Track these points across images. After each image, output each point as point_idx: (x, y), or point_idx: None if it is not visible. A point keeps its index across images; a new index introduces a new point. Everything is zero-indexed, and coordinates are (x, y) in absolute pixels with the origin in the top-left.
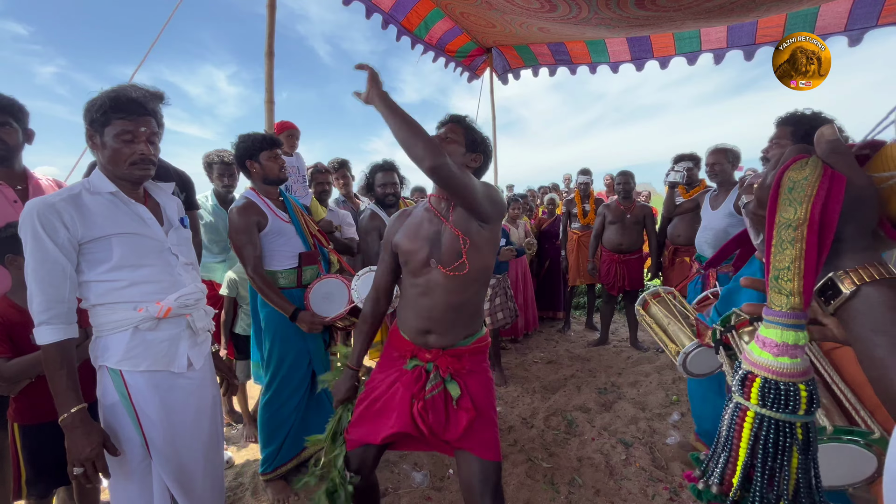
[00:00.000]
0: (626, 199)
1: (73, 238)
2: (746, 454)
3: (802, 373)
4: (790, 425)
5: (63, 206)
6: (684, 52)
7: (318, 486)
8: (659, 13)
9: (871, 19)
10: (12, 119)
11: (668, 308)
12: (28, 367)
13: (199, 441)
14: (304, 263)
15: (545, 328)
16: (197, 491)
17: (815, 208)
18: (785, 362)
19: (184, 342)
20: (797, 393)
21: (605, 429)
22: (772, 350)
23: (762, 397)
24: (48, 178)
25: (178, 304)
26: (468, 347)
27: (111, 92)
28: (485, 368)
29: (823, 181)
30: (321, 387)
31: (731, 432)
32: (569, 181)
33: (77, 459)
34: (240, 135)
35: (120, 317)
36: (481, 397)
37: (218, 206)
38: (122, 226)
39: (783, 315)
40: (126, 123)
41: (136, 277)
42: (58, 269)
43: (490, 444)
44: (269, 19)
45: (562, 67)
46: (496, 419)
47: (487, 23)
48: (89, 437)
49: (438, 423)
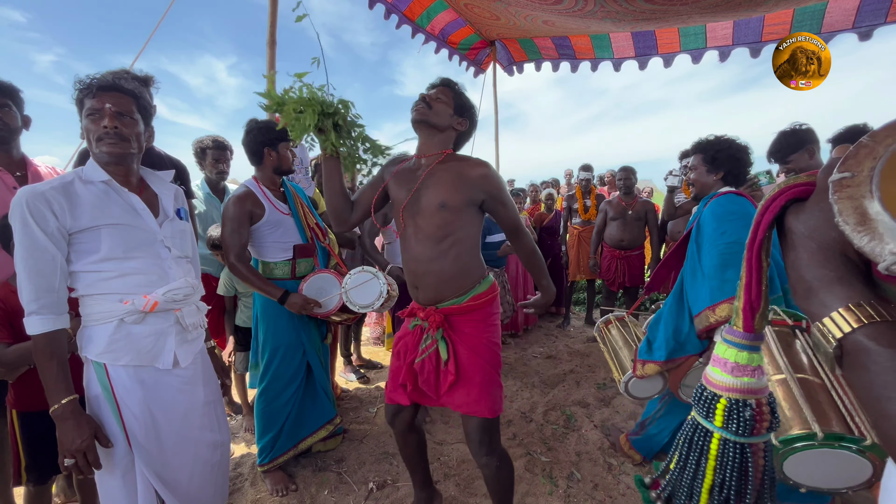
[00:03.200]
0: (627, 194)
1: (62, 227)
2: (713, 476)
3: (762, 389)
4: (752, 447)
5: (53, 194)
6: (689, 49)
7: None
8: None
9: (880, 16)
10: (11, 102)
11: (622, 334)
12: (28, 354)
13: (190, 440)
14: (298, 256)
15: (545, 323)
16: (182, 490)
17: (756, 224)
18: (745, 381)
19: (171, 338)
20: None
21: (604, 424)
22: (729, 370)
23: (727, 419)
24: (47, 166)
25: (166, 298)
26: (461, 305)
27: (90, 76)
28: (481, 328)
29: (772, 197)
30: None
31: (692, 454)
32: (570, 176)
33: (68, 451)
34: (253, 120)
35: (105, 308)
36: (467, 360)
37: (210, 194)
38: (113, 216)
39: (739, 335)
40: (93, 101)
41: (124, 269)
42: (47, 257)
43: (477, 402)
44: (270, 9)
45: (564, 63)
46: (493, 373)
47: (492, 15)
48: (80, 428)
49: (428, 383)
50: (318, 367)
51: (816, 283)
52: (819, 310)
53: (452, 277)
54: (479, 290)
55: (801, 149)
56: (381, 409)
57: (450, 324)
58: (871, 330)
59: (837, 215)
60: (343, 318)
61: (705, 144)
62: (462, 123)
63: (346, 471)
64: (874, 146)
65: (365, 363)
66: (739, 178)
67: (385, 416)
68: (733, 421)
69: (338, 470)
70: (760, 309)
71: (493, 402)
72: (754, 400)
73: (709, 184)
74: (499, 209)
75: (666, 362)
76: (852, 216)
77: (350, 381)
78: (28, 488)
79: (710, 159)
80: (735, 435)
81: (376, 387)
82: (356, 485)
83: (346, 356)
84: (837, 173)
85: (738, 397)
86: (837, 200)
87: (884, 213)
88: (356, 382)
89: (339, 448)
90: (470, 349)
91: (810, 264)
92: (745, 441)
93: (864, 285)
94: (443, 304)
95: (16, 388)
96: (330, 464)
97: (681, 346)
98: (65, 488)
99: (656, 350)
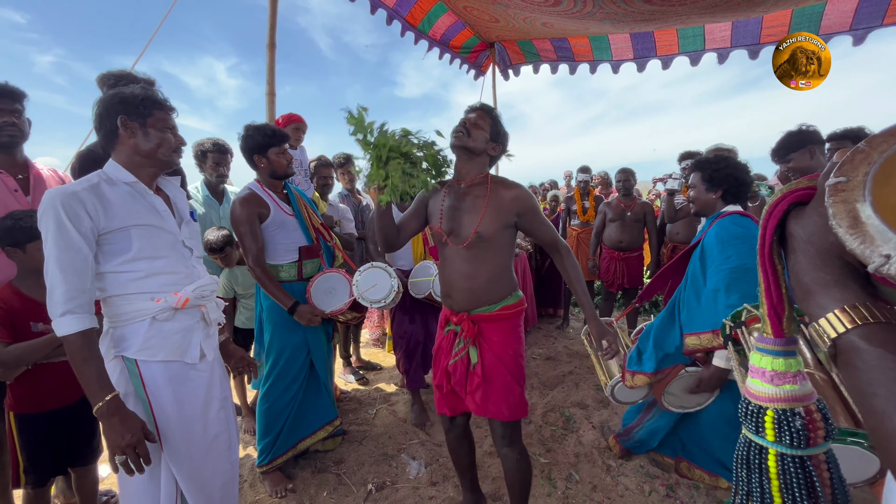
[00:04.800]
0: (626, 196)
1: (94, 228)
2: (781, 498)
3: (808, 396)
4: (812, 459)
5: (86, 195)
6: (688, 51)
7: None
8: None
9: (877, 19)
10: (21, 106)
11: None
12: (27, 354)
13: (210, 434)
14: (304, 257)
15: (544, 325)
16: (206, 488)
17: (762, 229)
18: (787, 388)
19: (197, 333)
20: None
21: (603, 425)
22: (768, 379)
23: (778, 432)
24: (48, 168)
25: (196, 294)
26: (492, 314)
27: (141, 88)
28: (508, 339)
29: (776, 201)
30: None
31: (753, 475)
32: (570, 178)
33: (118, 447)
34: (247, 125)
35: (138, 307)
36: (492, 365)
37: (209, 196)
38: (141, 217)
39: (770, 342)
40: (164, 114)
41: (153, 268)
42: (81, 257)
43: (496, 406)
44: (270, 10)
45: (563, 65)
46: (514, 383)
47: (491, 17)
48: (127, 423)
49: (460, 384)
50: (322, 368)
51: (814, 286)
52: (816, 311)
53: (485, 291)
54: (509, 302)
55: (803, 148)
56: (381, 411)
57: (480, 330)
58: (864, 330)
59: (832, 218)
60: (350, 318)
61: (704, 163)
62: (496, 149)
63: (345, 472)
64: (870, 151)
65: (364, 365)
66: (740, 195)
67: (442, 425)
68: (785, 433)
69: (337, 471)
70: (786, 312)
71: (509, 408)
72: (802, 408)
73: (709, 202)
74: (532, 227)
75: (655, 373)
76: (845, 219)
77: (349, 383)
78: (27, 491)
79: (709, 178)
80: (790, 448)
81: (375, 388)
82: (355, 486)
83: (346, 358)
84: (833, 177)
85: (784, 407)
86: (832, 204)
87: (874, 216)
88: (355, 384)
89: (338, 449)
90: (496, 356)
91: (809, 267)
92: (803, 454)
93: (861, 288)
94: (475, 311)
95: (14, 391)
96: (329, 465)
97: (669, 358)
98: (64, 489)
99: (646, 361)
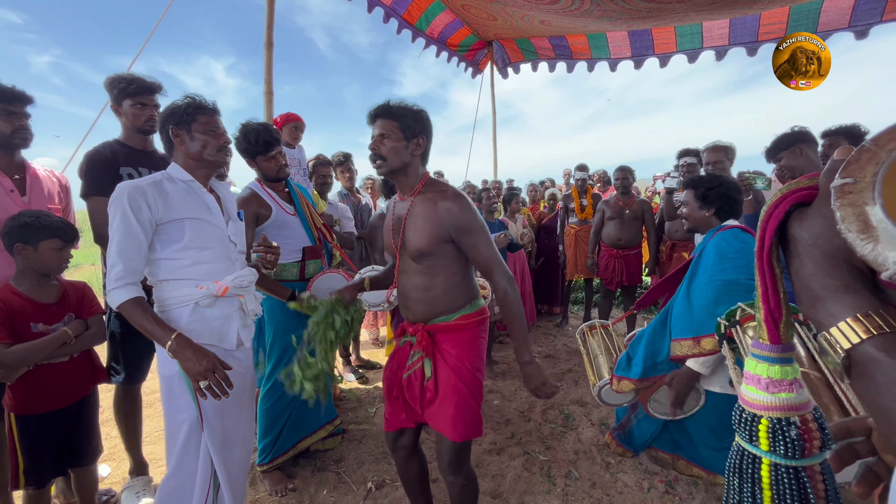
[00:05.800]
0: (624, 194)
1: (153, 218)
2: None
3: (804, 405)
4: (807, 470)
5: (149, 189)
6: (685, 49)
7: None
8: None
9: (875, 15)
10: (28, 111)
11: (603, 341)
12: (28, 355)
13: (243, 419)
14: (307, 257)
15: (543, 322)
16: (234, 472)
17: (761, 231)
18: (783, 397)
19: (235, 321)
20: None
21: (602, 423)
22: (764, 387)
23: (772, 442)
24: (45, 169)
25: (235, 284)
26: (449, 324)
27: (187, 97)
28: (465, 352)
29: (775, 202)
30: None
31: (745, 485)
32: (569, 176)
33: (199, 374)
34: (241, 126)
35: (184, 293)
36: (446, 380)
37: None
38: (194, 211)
39: (767, 348)
40: (211, 118)
41: (200, 258)
42: (137, 243)
43: (450, 423)
44: (268, 10)
45: (560, 63)
46: (470, 399)
47: (489, 15)
48: (200, 351)
49: (414, 397)
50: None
51: (822, 292)
52: (826, 319)
53: (440, 302)
54: (467, 311)
55: (792, 147)
56: (380, 409)
57: (436, 342)
58: (881, 341)
59: (840, 222)
60: None
61: (697, 181)
62: (419, 143)
63: (345, 470)
64: (877, 151)
65: (363, 363)
66: (733, 213)
67: (386, 443)
68: (780, 443)
69: (337, 470)
70: (783, 318)
71: (464, 426)
72: (798, 417)
73: (702, 219)
74: (467, 247)
75: (640, 380)
76: (855, 223)
77: (349, 382)
78: (27, 491)
79: (702, 196)
80: (785, 458)
81: (375, 387)
82: (355, 484)
83: (345, 357)
84: (839, 179)
85: (779, 416)
86: (839, 207)
87: (886, 220)
88: (355, 382)
89: (337, 448)
90: (452, 370)
91: (815, 272)
92: (797, 464)
93: (871, 293)
94: (431, 321)
95: (14, 392)
96: (329, 464)
97: (656, 367)
98: (64, 490)
99: (634, 367)
